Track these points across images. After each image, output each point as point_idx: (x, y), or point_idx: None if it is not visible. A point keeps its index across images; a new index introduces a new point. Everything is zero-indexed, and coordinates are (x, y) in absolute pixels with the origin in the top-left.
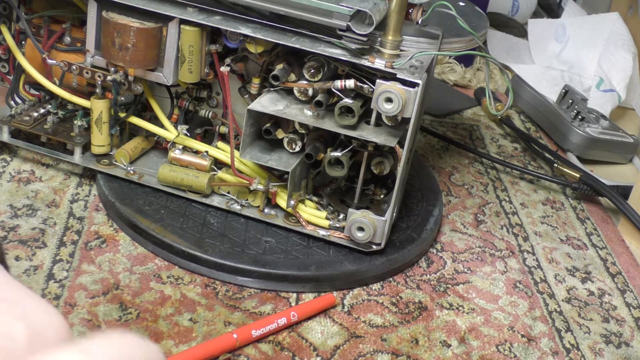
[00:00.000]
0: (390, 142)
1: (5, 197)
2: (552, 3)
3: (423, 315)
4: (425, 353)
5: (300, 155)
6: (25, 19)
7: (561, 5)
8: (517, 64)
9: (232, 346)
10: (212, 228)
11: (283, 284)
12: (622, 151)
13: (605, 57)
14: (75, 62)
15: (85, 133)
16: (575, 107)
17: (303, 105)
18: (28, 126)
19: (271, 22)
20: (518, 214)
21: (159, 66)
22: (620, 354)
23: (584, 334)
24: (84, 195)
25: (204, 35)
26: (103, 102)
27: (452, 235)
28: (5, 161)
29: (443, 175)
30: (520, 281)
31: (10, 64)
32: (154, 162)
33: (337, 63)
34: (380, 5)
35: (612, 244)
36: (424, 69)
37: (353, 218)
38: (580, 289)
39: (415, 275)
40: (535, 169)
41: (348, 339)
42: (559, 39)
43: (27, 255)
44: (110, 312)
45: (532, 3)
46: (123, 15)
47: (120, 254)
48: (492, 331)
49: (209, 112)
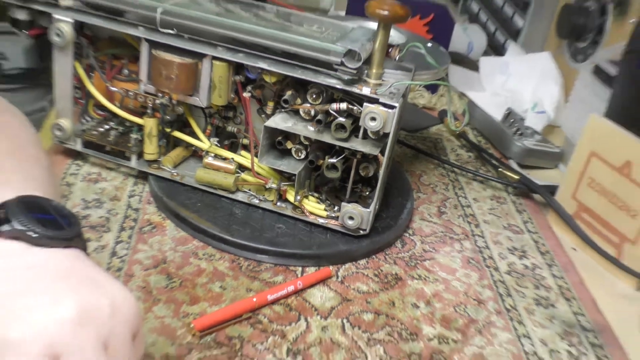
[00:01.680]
0: (374, 152)
1: (79, 193)
2: (498, 45)
3: (398, 284)
4: (400, 313)
5: (304, 161)
6: (93, 56)
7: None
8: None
9: (252, 307)
10: (237, 217)
11: (291, 260)
12: (551, 159)
13: (538, 86)
14: (131, 89)
15: (139, 144)
16: (515, 124)
17: (307, 123)
18: (96, 138)
19: (282, 58)
20: (471, 206)
21: (195, 92)
22: (547, 313)
23: (521, 298)
24: (138, 192)
25: (230, 69)
26: (153, 120)
27: (420, 223)
28: (79, 165)
29: (414, 177)
30: (472, 258)
31: (82, 91)
32: (192, 166)
33: (333, 90)
34: (366, 45)
35: (542, 229)
36: (400, 95)
37: (345, 209)
38: (518, 264)
39: (393, 253)
40: (485, 172)
41: (341, 302)
42: (503, 72)
43: (96, 238)
44: (159, 281)
45: (483, 44)
46: (168, 53)
47: (167, 236)
48: (451, 296)
49: (234, 127)
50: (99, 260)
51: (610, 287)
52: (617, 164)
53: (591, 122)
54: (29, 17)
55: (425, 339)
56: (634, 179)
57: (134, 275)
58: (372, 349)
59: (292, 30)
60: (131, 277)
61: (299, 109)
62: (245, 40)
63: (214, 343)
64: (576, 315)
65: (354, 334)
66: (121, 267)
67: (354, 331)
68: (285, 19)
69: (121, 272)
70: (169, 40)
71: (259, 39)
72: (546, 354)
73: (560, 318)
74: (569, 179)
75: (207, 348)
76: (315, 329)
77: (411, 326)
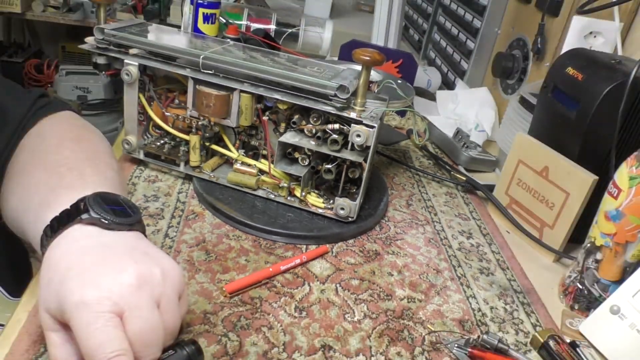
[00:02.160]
0: (359, 159)
1: (141, 190)
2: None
3: (377, 258)
4: (378, 279)
5: (308, 167)
6: (153, 90)
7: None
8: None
9: (269, 275)
10: (258, 208)
11: (298, 240)
12: (489, 165)
13: (479, 112)
14: (180, 114)
15: (186, 154)
16: (463, 140)
17: (310, 139)
18: (154, 150)
19: (292, 91)
20: (431, 200)
21: (228, 116)
22: (489, 279)
23: (468, 268)
24: (185, 190)
25: (254, 99)
26: (196, 137)
27: (394, 212)
28: (141, 170)
29: (388, 179)
30: (432, 238)
31: (145, 115)
32: (224, 170)
33: (329, 114)
34: (354, 82)
35: (484, 217)
36: (378, 118)
37: (338, 202)
38: (466, 243)
39: (373, 235)
40: (440, 175)
41: (335, 271)
42: (454, 101)
43: (153, 224)
44: (200, 255)
45: (438, 81)
46: (208, 87)
47: (206, 222)
48: (417, 267)
49: (256, 142)
50: (155, 240)
51: (534, 260)
52: (538, 169)
53: (518, 138)
54: (106, 61)
55: (397, 299)
56: (551, 180)
57: (181, 252)
58: (358, 306)
59: (298, 71)
60: (179, 252)
61: (304, 128)
62: (264, 79)
63: (241, 302)
64: (509, 281)
65: (344, 295)
66: (172, 245)
67: (345, 293)
68: (293, 63)
69: (172, 249)
70: (208, 78)
71: (275, 77)
72: (488, 310)
73: (497, 283)
74: (503, 179)
75: (235, 306)
76: (315, 292)
77: (387, 289)
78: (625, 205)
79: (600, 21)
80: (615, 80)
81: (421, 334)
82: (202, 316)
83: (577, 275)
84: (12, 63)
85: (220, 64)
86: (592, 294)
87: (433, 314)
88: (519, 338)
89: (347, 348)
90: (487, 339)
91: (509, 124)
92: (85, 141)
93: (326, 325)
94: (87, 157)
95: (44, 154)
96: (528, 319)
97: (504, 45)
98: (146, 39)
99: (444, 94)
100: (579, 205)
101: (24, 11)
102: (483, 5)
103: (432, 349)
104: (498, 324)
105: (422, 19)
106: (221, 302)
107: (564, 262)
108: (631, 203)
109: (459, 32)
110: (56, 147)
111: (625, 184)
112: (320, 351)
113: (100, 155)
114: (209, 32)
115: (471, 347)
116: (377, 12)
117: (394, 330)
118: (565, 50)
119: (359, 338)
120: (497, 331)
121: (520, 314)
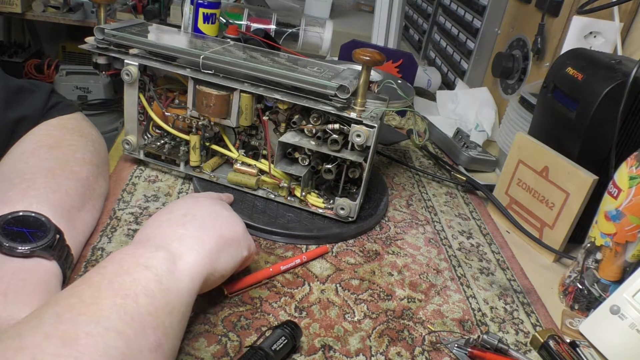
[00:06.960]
0: (359, 159)
1: (141, 190)
2: (450, 82)
3: (377, 258)
4: (379, 279)
5: (308, 167)
6: (153, 89)
7: (454, 83)
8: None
9: (269, 275)
10: (258, 208)
11: (298, 240)
12: (489, 165)
13: (479, 112)
14: (181, 114)
15: (186, 154)
16: (463, 140)
17: (310, 139)
18: (154, 150)
19: (292, 91)
20: (431, 200)
21: (228, 116)
22: (488, 279)
23: (468, 268)
24: (185, 189)
25: (254, 99)
26: (196, 137)
27: (394, 212)
28: (141, 170)
29: (388, 179)
30: (432, 238)
31: (145, 115)
32: (225, 170)
33: (329, 114)
34: (354, 82)
35: (484, 217)
36: (379, 118)
37: (338, 202)
38: (466, 243)
39: (373, 235)
40: (440, 175)
41: (335, 271)
42: (454, 101)
43: None
44: None
45: (438, 81)
46: (208, 87)
47: None
48: (417, 267)
49: (257, 142)
50: None
51: (534, 260)
52: (538, 169)
53: (518, 137)
54: (107, 61)
55: (397, 299)
56: (551, 180)
57: None
58: (358, 306)
59: (298, 71)
60: None
61: (304, 128)
62: (264, 78)
63: (241, 302)
64: (509, 281)
65: (344, 295)
66: None
67: (345, 293)
68: (293, 63)
69: None
70: (208, 78)
71: (274, 77)
72: (488, 310)
73: (498, 283)
74: (503, 179)
75: (235, 306)
76: (315, 291)
77: (387, 289)
78: (625, 205)
79: (600, 21)
80: (615, 80)
81: (421, 334)
82: (202, 316)
83: (577, 275)
84: (13, 63)
85: (220, 64)
86: (592, 294)
87: (433, 314)
88: (519, 338)
89: (347, 348)
90: (487, 339)
91: (509, 124)
92: (62, 148)
93: (326, 325)
94: (51, 167)
95: (14, 162)
96: (528, 319)
97: (504, 45)
98: (146, 39)
99: (444, 94)
100: (579, 205)
101: (24, 11)
102: (483, 5)
103: (432, 349)
104: (498, 324)
105: (422, 19)
106: (221, 302)
107: (564, 262)
108: (631, 203)
109: (459, 32)
110: (28, 154)
111: (625, 184)
112: (320, 351)
113: (70, 164)
114: (209, 32)
115: (471, 347)
116: (377, 12)
117: (394, 330)
118: (565, 50)
119: (359, 338)
120: (497, 331)
121: (520, 314)
